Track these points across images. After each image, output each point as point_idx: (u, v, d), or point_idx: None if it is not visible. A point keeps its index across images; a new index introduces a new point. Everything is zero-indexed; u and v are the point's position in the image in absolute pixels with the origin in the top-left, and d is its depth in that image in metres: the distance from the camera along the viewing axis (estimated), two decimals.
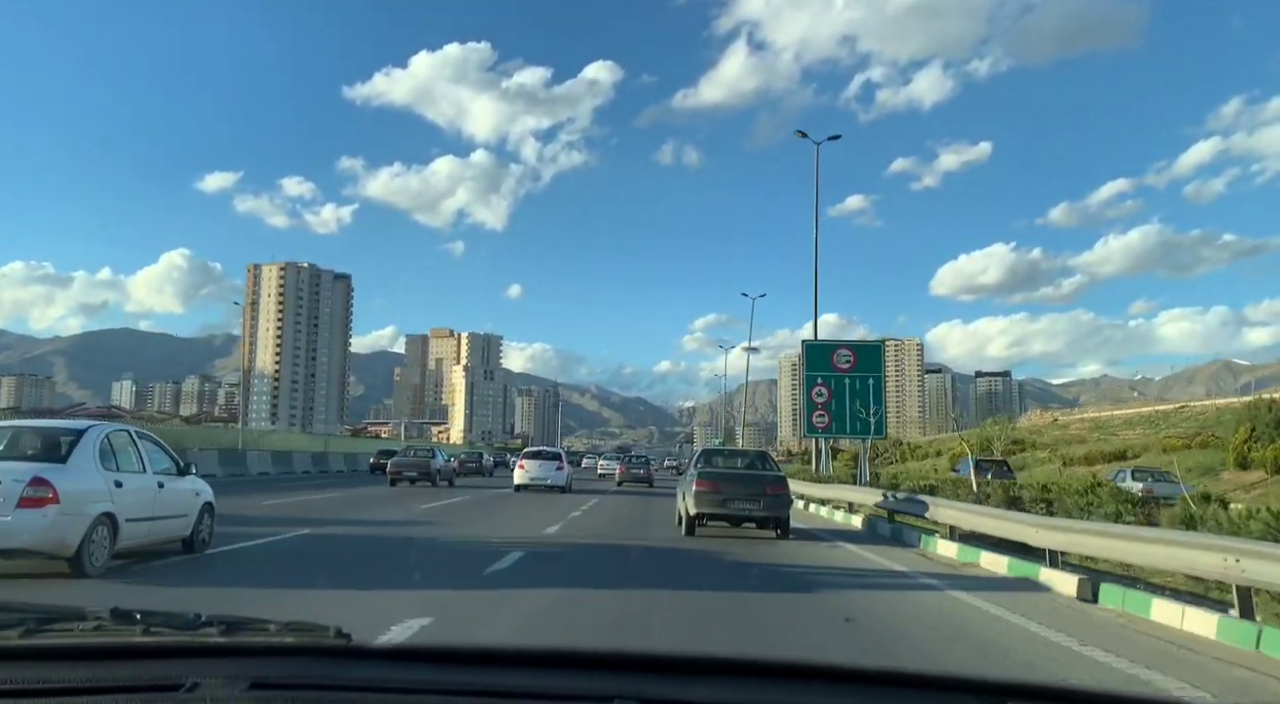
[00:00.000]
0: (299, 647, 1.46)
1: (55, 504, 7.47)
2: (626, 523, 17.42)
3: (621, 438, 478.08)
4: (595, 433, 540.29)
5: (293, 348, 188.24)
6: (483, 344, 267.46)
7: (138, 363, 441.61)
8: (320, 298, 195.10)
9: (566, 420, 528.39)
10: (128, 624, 1.49)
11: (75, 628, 1.50)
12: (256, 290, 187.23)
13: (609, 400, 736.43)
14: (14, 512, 7.31)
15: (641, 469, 37.26)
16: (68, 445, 8.08)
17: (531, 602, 7.67)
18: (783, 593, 9.14)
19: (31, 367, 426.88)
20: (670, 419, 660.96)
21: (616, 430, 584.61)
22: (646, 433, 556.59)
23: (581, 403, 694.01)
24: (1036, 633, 6.99)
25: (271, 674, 1.37)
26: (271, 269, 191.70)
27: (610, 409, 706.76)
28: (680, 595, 8.45)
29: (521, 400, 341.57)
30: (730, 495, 13.85)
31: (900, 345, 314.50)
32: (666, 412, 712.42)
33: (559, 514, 17.69)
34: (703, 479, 14.10)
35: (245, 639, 1.47)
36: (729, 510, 13.96)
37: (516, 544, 11.84)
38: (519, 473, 26.70)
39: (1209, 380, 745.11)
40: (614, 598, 8.02)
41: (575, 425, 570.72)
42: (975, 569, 11.15)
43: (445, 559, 10.89)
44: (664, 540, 13.68)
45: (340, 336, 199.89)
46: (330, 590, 7.82)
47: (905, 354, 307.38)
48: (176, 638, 1.48)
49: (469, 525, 15.43)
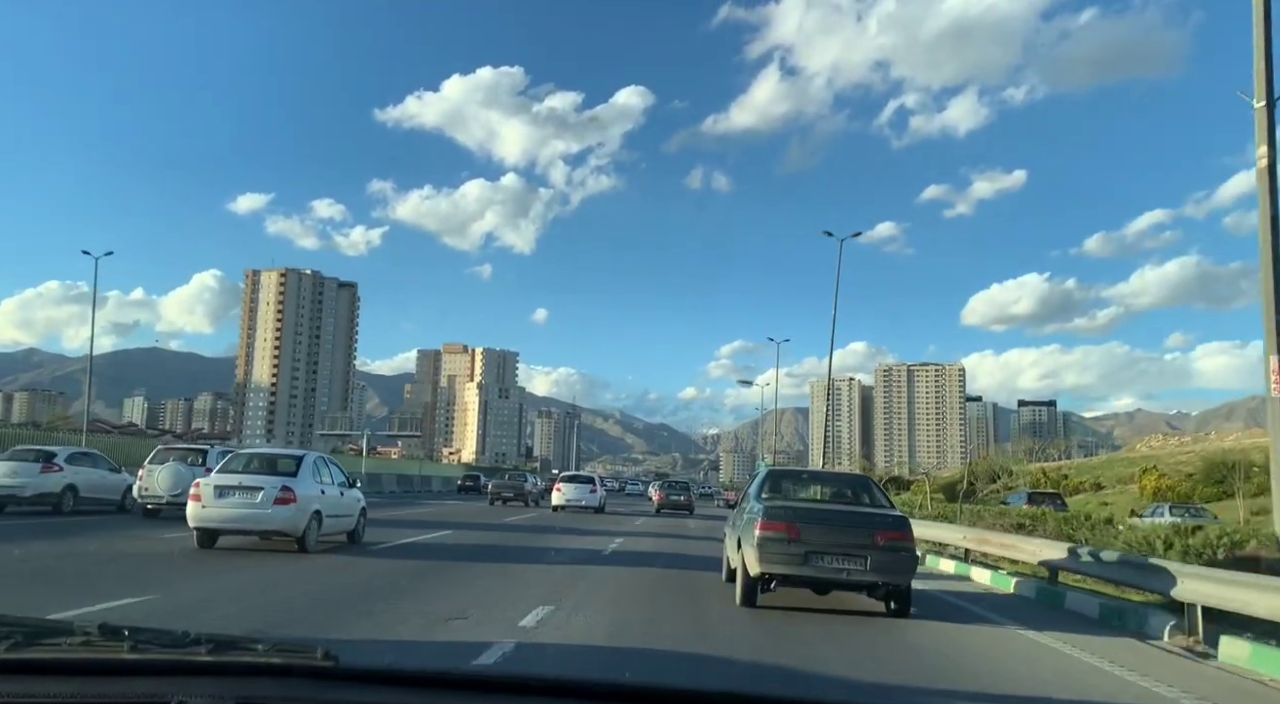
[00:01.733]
0: (286, 667, 1.45)
1: (294, 503, 12.27)
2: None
3: (644, 464, 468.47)
4: (618, 458, 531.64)
5: (292, 360, 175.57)
6: (498, 361, 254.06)
7: (165, 381, 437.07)
8: (323, 307, 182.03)
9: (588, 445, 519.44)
10: (116, 640, 1.48)
11: (63, 643, 1.49)
12: (255, 298, 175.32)
13: (632, 426, 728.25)
14: (272, 507, 12.16)
15: (681, 496, 36.04)
16: (296, 465, 13.15)
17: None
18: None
19: (61, 384, 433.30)
20: (694, 446, 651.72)
21: (639, 457, 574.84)
22: (670, 460, 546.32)
23: (604, 428, 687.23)
24: None
25: (258, 694, 1.36)
26: (271, 276, 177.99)
27: (633, 435, 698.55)
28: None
29: (540, 422, 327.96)
30: (818, 546, 8.70)
31: (940, 371, 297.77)
32: (690, 438, 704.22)
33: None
34: (773, 519, 8.90)
35: (233, 658, 1.46)
36: (816, 571, 8.74)
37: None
38: (556, 494, 30.39)
39: (1247, 415, 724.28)
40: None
41: (597, 450, 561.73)
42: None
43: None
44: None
45: (344, 349, 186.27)
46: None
47: (946, 380, 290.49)
48: (164, 655, 1.46)
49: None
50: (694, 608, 9.19)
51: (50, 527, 15.45)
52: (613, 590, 10.25)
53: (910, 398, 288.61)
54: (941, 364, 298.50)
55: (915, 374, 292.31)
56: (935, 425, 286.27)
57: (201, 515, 12.06)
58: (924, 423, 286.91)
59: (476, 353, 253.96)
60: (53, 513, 17.50)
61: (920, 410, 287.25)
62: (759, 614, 8.82)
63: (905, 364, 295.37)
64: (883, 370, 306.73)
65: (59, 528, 15.18)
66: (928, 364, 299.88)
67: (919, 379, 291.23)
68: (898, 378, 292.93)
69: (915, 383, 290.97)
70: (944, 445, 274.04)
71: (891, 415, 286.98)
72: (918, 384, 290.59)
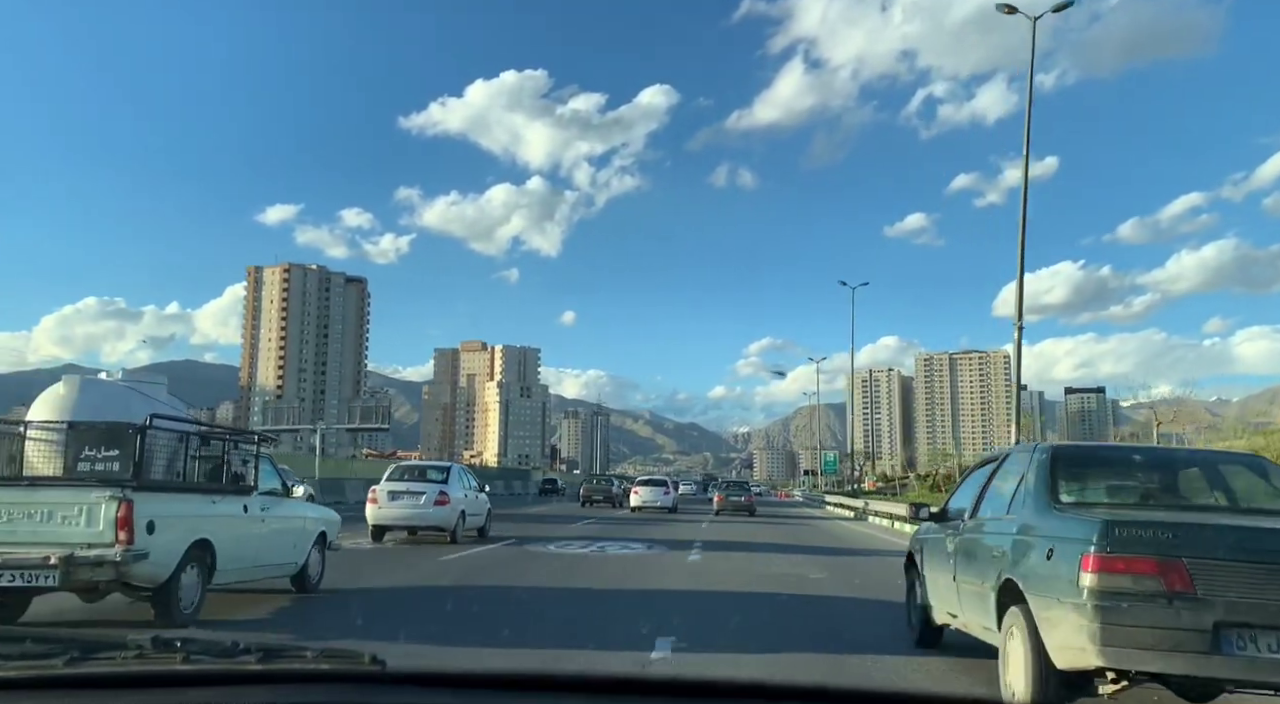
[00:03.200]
0: (334, 673, 1.48)
1: (449, 504, 15.25)
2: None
3: (674, 464, 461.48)
4: (648, 459, 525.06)
5: (298, 360, 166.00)
6: (519, 358, 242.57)
7: (198, 392, 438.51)
8: (330, 304, 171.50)
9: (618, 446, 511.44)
10: (168, 652, 1.51)
11: (118, 656, 1.52)
12: (258, 296, 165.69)
13: (662, 426, 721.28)
14: (432, 507, 15.13)
15: (742, 496, 34.28)
16: (445, 474, 16.32)
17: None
18: None
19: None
20: (725, 445, 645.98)
21: (669, 457, 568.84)
22: (701, 459, 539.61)
23: (634, 429, 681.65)
24: None
25: (308, 700, 1.39)
26: (274, 272, 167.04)
27: (663, 435, 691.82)
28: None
29: (567, 423, 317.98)
30: (1243, 612, 3.96)
31: (985, 358, 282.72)
32: (721, 437, 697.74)
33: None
34: (1132, 550, 4.14)
35: (282, 666, 1.49)
36: (1244, 667, 3.97)
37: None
38: (634, 497, 33.06)
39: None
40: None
41: (627, 451, 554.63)
42: None
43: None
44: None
45: (354, 348, 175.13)
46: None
47: (991, 367, 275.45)
48: (215, 665, 1.50)
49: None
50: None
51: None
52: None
53: (953, 387, 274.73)
54: (985, 351, 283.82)
55: (958, 362, 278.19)
56: (981, 415, 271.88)
57: (378, 515, 15.35)
58: (968, 413, 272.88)
59: (496, 350, 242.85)
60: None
61: (964, 400, 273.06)
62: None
63: (947, 353, 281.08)
64: (923, 359, 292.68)
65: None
66: (970, 352, 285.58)
67: (962, 367, 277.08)
68: (939, 367, 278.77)
69: (958, 372, 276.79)
70: (990, 436, 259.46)
71: (934, 406, 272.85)
72: (960, 373, 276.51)
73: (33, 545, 6.25)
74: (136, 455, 6.59)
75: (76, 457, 6.61)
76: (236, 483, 7.92)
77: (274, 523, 8.24)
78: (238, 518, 7.67)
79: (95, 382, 7.85)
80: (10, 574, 6.13)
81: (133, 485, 6.50)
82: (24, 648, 1.58)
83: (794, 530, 23.87)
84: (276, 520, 8.29)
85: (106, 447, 6.61)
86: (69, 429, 6.80)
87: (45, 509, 6.41)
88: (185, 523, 6.90)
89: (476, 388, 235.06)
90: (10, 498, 6.47)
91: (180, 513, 6.92)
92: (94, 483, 6.48)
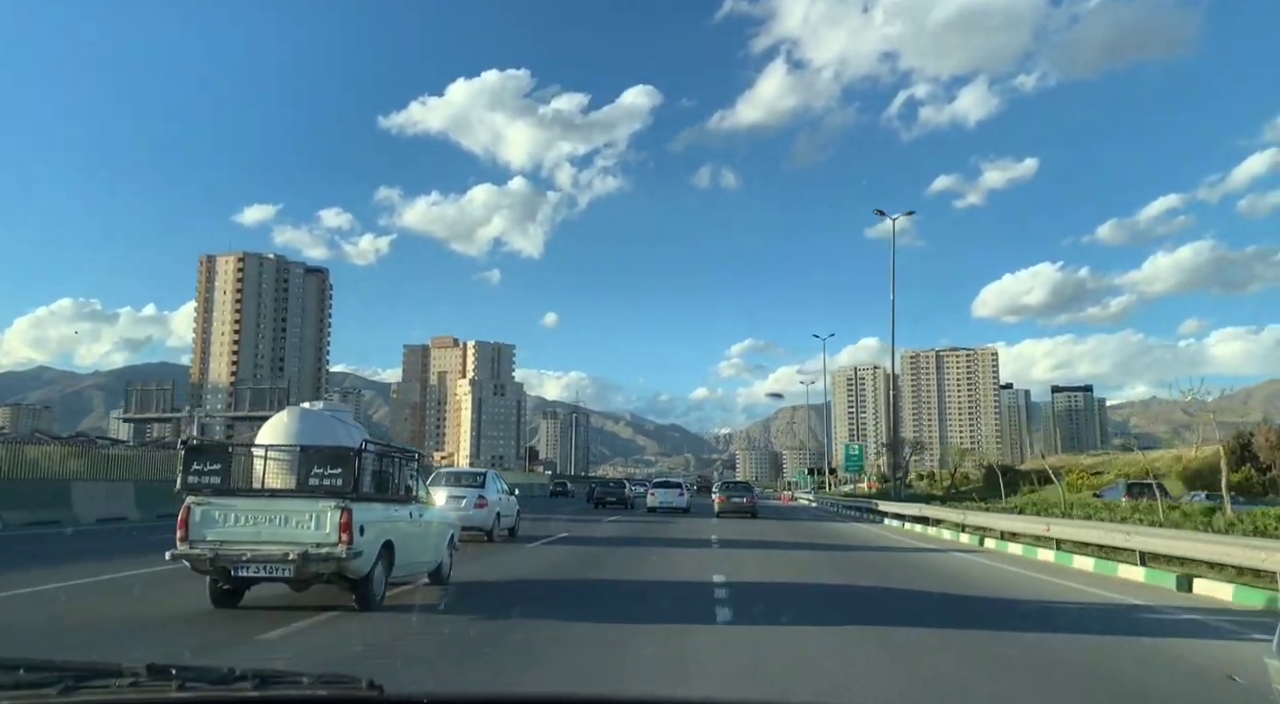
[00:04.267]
0: (332, 699, 1.45)
1: (486, 507, 17.03)
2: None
3: (656, 465, 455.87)
4: (629, 460, 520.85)
5: (254, 356, 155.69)
6: (492, 354, 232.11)
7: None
8: (289, 297, 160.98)
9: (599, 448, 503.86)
10: (163, 680, 1.49)
11: (112, 684, 1.50)
12: (210, 287, 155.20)
13: (643, 428, 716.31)
14: (472, 509, 16.57)
15: (744, 498, 33.65)
16: (482, 479, 18.03)
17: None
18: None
19: (71, 401, 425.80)
20: (707, 446, 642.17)
21: (651, 458, 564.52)
22: (682, 460, 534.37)
23: (615, 430, 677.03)
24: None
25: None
26: (228, 261, 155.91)
27: (645, 436, 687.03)
28: None
29: (546, 424, 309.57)
30: None
31: (972, 355, 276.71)
32: (702, 439, 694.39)
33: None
34: None
35: (279, 693, 1.47)
36: None
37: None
38: (650, 498, 35.26)
39: (1265, 401, 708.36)
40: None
41: (608, 453, 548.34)
42: None
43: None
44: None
45: (314, 343, 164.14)
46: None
47: (979, 365, 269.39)
48: (211, 693, 1.47)
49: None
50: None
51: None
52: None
53: (940, 385, 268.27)
54: (973, 348, 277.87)
55: (945, 360, 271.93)
56: (968, 414, 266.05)
57: None
58: (955, 412, 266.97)
59: (468, 347, 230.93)
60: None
61: (951, 398, 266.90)
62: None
63: (934, 350, 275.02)
64: (909, 357, 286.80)
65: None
66: (958, 349, 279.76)
67: (949, 365, 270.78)
68: (926, 365, 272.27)
69: (945, 369, 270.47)
70: (978, 435, 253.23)
71: (920, 405, 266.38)
72: (948, 371, 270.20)
73: (274, 544, 7.76)
74: (355, 473, 8.02)
75: (308, 473, 7.98)
76: (406, 494, 9.56)
77: (425, 527, 9.99)
78: (406, 523, 9.25)
79: (308, 412, 9.39)
80: (256, 566, 7.69)
81: (352, 497, 7.95)
82: (18, 677, 1.55)
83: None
84: (426, 525, 10.05)
85: (331, 465, 8.02)
86: (301, 451, 8.11)
87: (283, 515, 7.91)
88: (379, 527, 8.36)
89: (448, 386, 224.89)
90: (255, 506, 7.94)
91: (376, 519, 8.36)
92: (322, 494, 7.91)
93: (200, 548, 7.72)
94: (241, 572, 7.69)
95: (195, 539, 7.79)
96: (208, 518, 7.85)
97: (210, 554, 7.66)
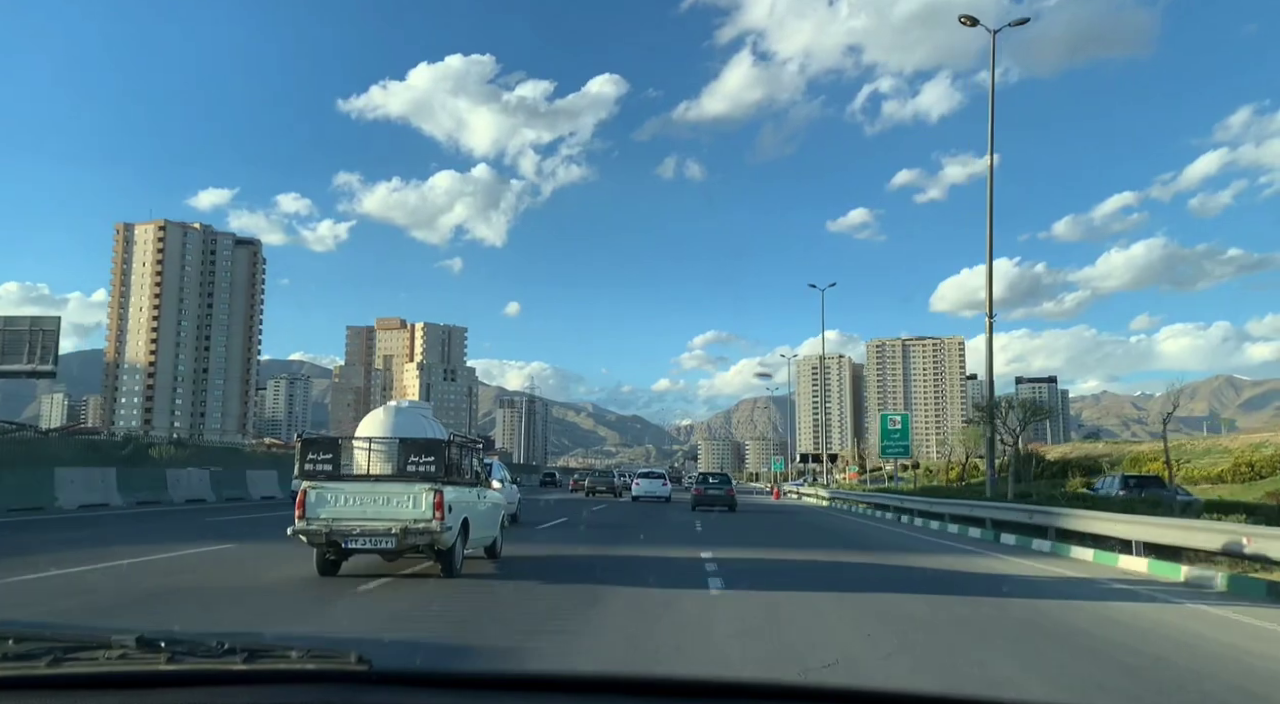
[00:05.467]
0: (320, 673, 1.46)
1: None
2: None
3: (617, 456, 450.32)
4: (590, 451, 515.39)
5: (175, 334, 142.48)
6: (442, 337, 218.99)
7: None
8: (216, 270, 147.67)
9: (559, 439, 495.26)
10: (153, 652, 1.49)
11: (101, 656, 1.49)
12: (127, 258, 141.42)
13: (604, 419, 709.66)
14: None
15: (721, 490, 31.08)
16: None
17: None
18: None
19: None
20: (668, 437, 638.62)
21: (612, 449, 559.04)
22: (643, 451, 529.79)
23: (577, 421, 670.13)
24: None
25: (294, 700, 1.38)
26: (146, 229, 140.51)
27: (606, 427, 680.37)
28: None
29: (503, 413, 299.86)
30: None
31: (939, 344, 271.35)
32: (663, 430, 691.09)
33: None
34: None
35: (268, 666, 1.47)
36: None
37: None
38: (635, 488, 36.77)
39: (1211, 396, 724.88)
40: None
41: (569, 444, 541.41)
42: None
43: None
44: None
45: (242, 321, 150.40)
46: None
47: (946, 354, 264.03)
48: (201, 665, 1.47)
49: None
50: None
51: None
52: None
53: (906, 375, 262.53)
54: (940, 338, 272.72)
55: (911, 348, 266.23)
56: (935, 404, 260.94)
57: None
58: (921, 402, 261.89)
59: (416, 329, 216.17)
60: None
61: (918, 388, 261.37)
62: None
63: (900, 339, 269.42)
64: (875, 346, 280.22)
65: None
66: (925, 338, 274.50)
67: (915, 354, 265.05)
68: (892, 354, 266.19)
69: (911, 358, 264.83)
70: (945, 426, 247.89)
71: (886, 394, 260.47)
72: (914, 360, 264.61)
73: (378, 520, 9.04)
74: (445, 461, 9.35)
75: (405, 461, 9.23)
76: (476, 479, 10.98)
77: (489, 507, 11.28)
78: (476, 503, 10.48)
79: (402, 409, 10.50)
80: (364, 539, 9.00)
81: (443, 481, 9.24)
82: (6, 648, 1.55)
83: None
84: (489, 505, 11.31)
85: (425, 454, 9.32)
86: (400, 442, 9.36)
87: (385, 496, 9.12)
88: (460, 507, 9.62)
89: (394, 370, 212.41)
90: (361, 489, 9.18)
91: (458, 499, 9.60)
92: (419, 479, 9.20)
93: (315, 524, 9.02)
94: (351, 544, 9.03)
95: (311, 517, 9.06)
96: (321, 499, 9.15)
97: (325, 529, 8.98)
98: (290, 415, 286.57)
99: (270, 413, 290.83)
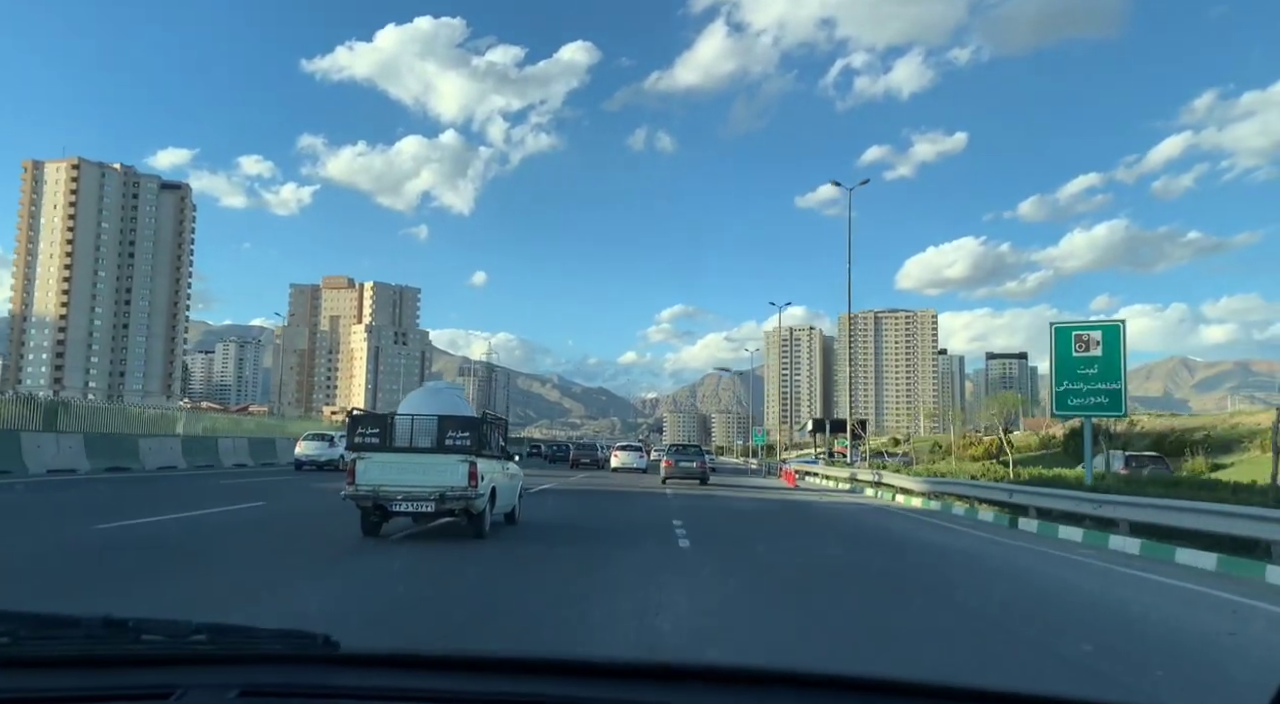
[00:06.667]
0: (287, 654, 1.45)
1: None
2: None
3: (582, 428, 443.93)
4: (556, 423, 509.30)
5: (90, 285, 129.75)
6: (393, 298, 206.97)
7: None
8: (139, 215, 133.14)
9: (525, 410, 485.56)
10: (119, 632, 1.47)
11: (66, 635, 1.48)
12: (36, 199, 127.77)
13: (570, 391, 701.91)
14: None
15: (693, 462, 30.36)
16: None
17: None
18: None
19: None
20: (633, 410, 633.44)
21: (577, 421, 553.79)
22: (609, 424, 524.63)
23: (542, 392, 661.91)
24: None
25: (260, 682, 1.37)
26: (58, 167, 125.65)
27: (571, 399, 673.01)
28: None
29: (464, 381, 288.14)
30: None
31: (911, 317, 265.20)
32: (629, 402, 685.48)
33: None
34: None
35: (235, 647, 1.47)
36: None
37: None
38: (614, 459, 40.42)
39: (1166, 376, 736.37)
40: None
41: (534, 415, 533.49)
42: None
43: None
44: None
45: (168, 271, 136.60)
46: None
47: (918, 328, 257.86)
48: (167, 646, 1.46)
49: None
50: None
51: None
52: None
53: (878, 348, 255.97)
54: (913, 311, 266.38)
55: (883, 321, 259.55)
56: (906, 378, 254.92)
57: None
58: (892, 375, 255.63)
59: (365, 288, 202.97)
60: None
61: (889, 361, 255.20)
62: None
63: (872, 311, 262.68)
64: (846, 318, 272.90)
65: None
66: (897, 310, 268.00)
67: (887, 326, 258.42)
68: (864, 326, 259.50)
69: (883, 332, 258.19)
70: (915, 400, 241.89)
71: (856, 367, 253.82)
72: (885, 333, 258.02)
73: (419, 487, 10.37)
74: (479, 436, 10.70)
75: (443, 435, 10.52)
76: (501, 452, 12.33)
77: (511, 478, 12.68)
78: (501, 474, 11.79)
79: (438, 388, 12.72)
80: (407, 503, 10.35)
81: (476, 454, 10.53)
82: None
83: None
84: (510, 476, 12.59)
85: (462, 430, 10.60)
86: (439, 419, 10.63)
87: (425, 466, 10.43)
88: (490, 477, 11.04)
89: (341, 331, 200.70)
90: (404, 459, 10.45)
91: (488, 470, 10.99)
92: (456, 452, 10.48)
93: (364, 489, 10.35)
94: (395, 507, 10.36)
95: (361, 484, 10.36)
96: (369, 468, 10.40)
97: (372, 493, 10.33)
98: (240, 380, 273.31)
99: (219, 377, 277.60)
